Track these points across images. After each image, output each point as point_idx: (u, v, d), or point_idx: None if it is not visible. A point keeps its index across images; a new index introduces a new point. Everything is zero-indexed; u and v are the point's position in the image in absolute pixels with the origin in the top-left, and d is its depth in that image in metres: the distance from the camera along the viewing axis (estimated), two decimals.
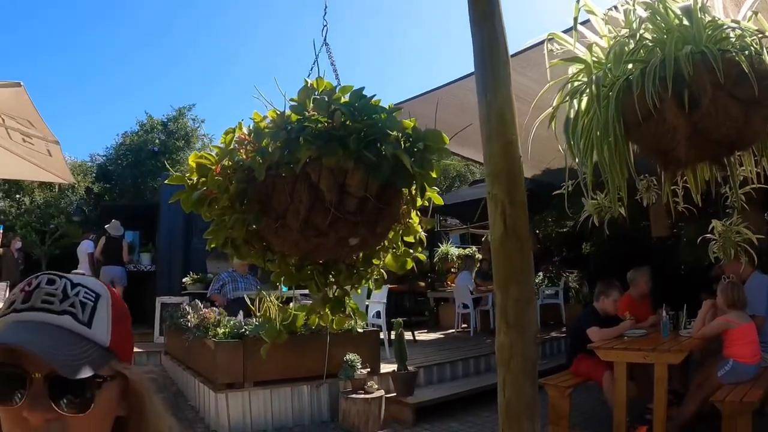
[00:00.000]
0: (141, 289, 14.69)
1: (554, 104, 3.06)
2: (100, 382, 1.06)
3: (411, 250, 2.73)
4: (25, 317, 1.04)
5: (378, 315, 10.03)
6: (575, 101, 2.95)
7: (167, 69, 60.51)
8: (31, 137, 9.58)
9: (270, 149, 2.21)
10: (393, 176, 2.15)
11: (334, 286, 2.74)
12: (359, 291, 2.85)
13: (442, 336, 13.10)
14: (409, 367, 7.82)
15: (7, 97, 8.16)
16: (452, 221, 18.64)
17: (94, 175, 22.95)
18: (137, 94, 61.99)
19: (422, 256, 2.80)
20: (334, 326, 2.94)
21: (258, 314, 7.70)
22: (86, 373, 1.00)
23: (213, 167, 2.34)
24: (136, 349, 11.18)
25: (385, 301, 10.03)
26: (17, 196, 18.76)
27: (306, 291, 6.75)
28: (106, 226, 13.55)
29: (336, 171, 2.13)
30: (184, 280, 12.38)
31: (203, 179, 2.38)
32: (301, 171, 2.12)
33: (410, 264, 2.75)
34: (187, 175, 2.45)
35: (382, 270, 2.80)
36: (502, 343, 2.67)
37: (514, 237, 2.62)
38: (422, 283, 15.98)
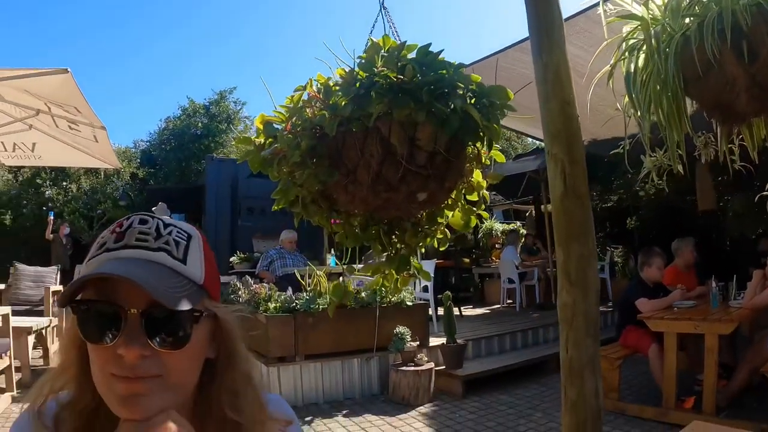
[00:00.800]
0: None
1: (612, 62, 3.05)
2: (198, 316, 1.08)
3: (474, 208, 2.75)
4: (120, 255, 1.06)
5: (426, 289, 10.06)
6: (632, 58, 2.95)
7: (207, 53, 61.02)
8: (77, 124, 9.74)
9: (340, 105, 2.22)
10: (461, 130, 2.17)
11: (399, 245, 2.77)
12: (423, 249, 2.88)
13: (487, 311, 13.08)
14: (457, 340, 7.83)
15: (54, 85, 8.29)
16: (495, 197, 18.57)
17: (138, 160, 23.22)
18: (178, 80, 62.61)
19: (485, 214, 2.82)
20: (399, 285, 2.95)
21: (308, 289, 7.75)
22: (185, 305, 1.03)
23: (283, 125, 2.37)
24: None
25: (433, 274, 9.99)
26: (64, 183, 19.03)
27: (354, 266, 6.80)
28: (153, 209, 13.70)
29: (406, 125, 2.15)
30: (231, 259, 12.45)
31: (270, 139, 2.41)
32: (371, 126, 2.14)
33: (474, 222, 2.77)
34: (254, 137, 2.49)
35: (445, 229, 2.82)
36: (564, 301, 2.69)
37: (574, 195, 2.63)
38: (467, 260, 15.97)
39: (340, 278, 7.33)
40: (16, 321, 7.24)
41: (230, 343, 1.20)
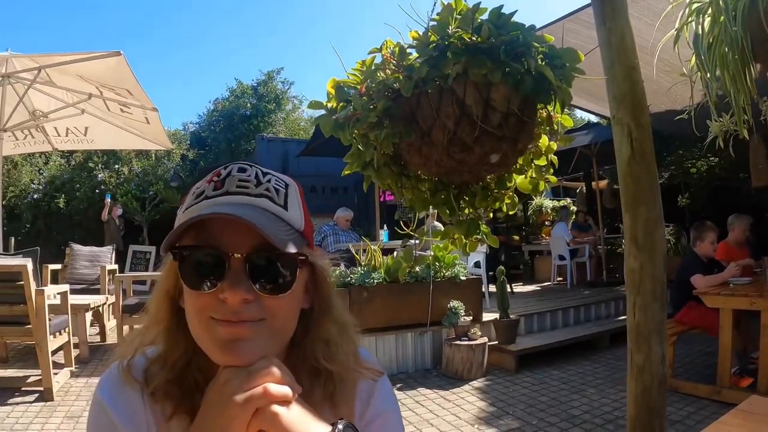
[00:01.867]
0: None
1: (677, 25, 3.00)
2: (303, 260, 1.08)
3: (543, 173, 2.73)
4: (221, 201, 1.06)
5: (477, 265, 10.03)
6: (699, 21, 2.90)
7: (254, 34, 61.40)
8: (129, 106, 9.91)
9: (416, 66, 2.22)
10: (535, 91, 2.16)
11: (467, 210, 2.77)
12: (491, 215, 2.87)
13: (538, 288, 13.02)
14: (510, 316, 7.81)
15: (106, 68, 8.42)
16: None
17: (188, 142, 23.42)
18: (225, 63, 63.15)
19: (553, 179, 2.80)
20: (468, 250, 2.95)
21: (363, 264, 7.77)
22: (293, 248, 1.03)
23: (358, 87, 2.38)
24: None
25: (485, 250, 10.01)
26: (116, 166, 19.29)
27: (406, 241, 6.72)
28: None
29: (480, 86, 2.15)
30: None
31: (342, 103, 2.43)
32: (446, 87, 2.14)
33: (543, 186, 2.76)
34: (325, 102, 2.50)
35: (513, 194, 2.81)
36: (631, 266, 2.68)
37: (641, 159, 2.63)
38: (517, 237, 15.89)
39: (410, 241, 7.36)
40: (73, 299, 7.39)
41: (326, 292, 1.22)
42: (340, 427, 1.02)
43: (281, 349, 1.13)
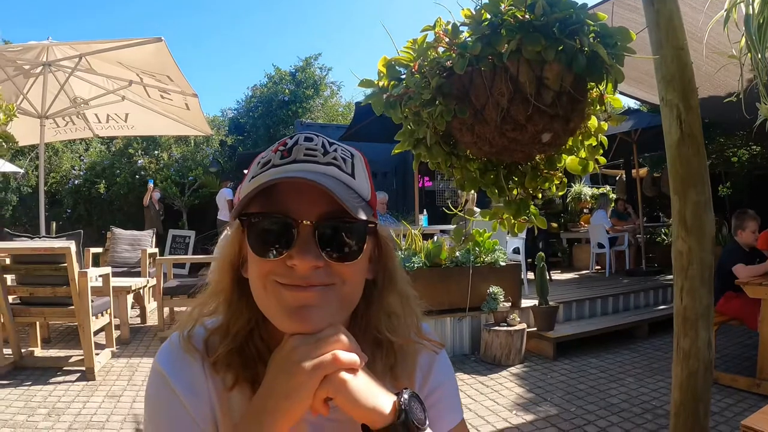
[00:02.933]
0: None
1: (726, 5, 2.94)
2: (374, 227, 1.09)
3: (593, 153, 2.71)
4: (289, 169, 1.06)
5: (516, 251, 9.98)
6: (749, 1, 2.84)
7: (291, 21, 61.65)
8: (169, 93, 9.99)
9: (469, 44, 2.21)
10: (587, 69, 2.14)
11: (516, 190, 2.75)
12: (540, 197, 2.85)
13: (576, 276, 12.88)
14: (550, 302, 7.75)
15: (146, 54, 8.50)
16: None
17: (226, 128, 23.55)
18: (263, 49, 63.53)
19: (603, 159, 2.77)
20: (516, 231, 2.94)
21: (403, 248, 7.75)
22: (363, 215, 1.03)
23: (411, 64, 2.37)
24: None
25: (524, 236, 9.94)
26: (156, 152, 19.48)
27: (446, 227, 6.73)
28: (245, 171, 13.94)
29: (533, 63, 2.14)
30: None
31: (393, 81, 2.42)
32: (500, 64, 2.12)
33: (592, 167, 2.73)
34: (376, 80, 2.49)
35: (562, 175, 2.78)
36: (679, 249, 2.65)
37: (690, 141, 2.59)
38: (555, 224, 15.76)
39: (460, 222, 7.32)
40: (115, 281, 7.51)
41: (390, 263, 1.22)
42: (406, 396, 1.02)
43: (346, 318, 1.13)
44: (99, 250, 10.53)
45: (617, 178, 18.51)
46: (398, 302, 1.22)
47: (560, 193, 2.91)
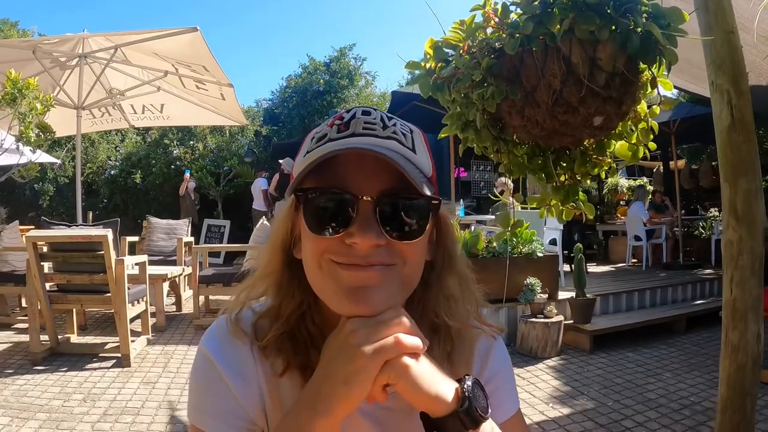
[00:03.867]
0: None
1: None
2: (437, 204, 1.03)
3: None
4: (348, 142, 0.99)
5: (553, 242, 9.88)
6: None
7: (324, 12, 61.86)
8: (204, 83, 10.04)
9: (520, 23, 2.16)
10: (641, 50, 2.08)
11: (563, 177, 2.69)
12: (588, 182, 2.80)
13: (612, 269, 12.73)
14: (587, 294, 7.66)
15: (182, 45, 8.53)
16: None
17: (261, 118, 23.67)
18: (296, 40, 63.77)
19: (653, 145, 2.70)
20: (564, 218, 2.88)
21: None
22: (428, 191, 0.98)
23: (461, 44, 2.32)
24: None
25: (561, 228, 9.87)
26: (191, 142, 19.68)
27: (482, 217, 6.67)
28: (280, 161, 14.00)
29: (587, 44, 2.08)
30: None
31: (441, 63, 2.37)
32: (551, 44, 2.06)
33: (642, 152, 2.67)
34: (422, 62, 2.45)
35: (612, 161, 2.72)
36: (729, 238, 2.59)
37: (741, 127, 2.53)
38: (591, 216, 15.60)
39: (507, 207, 7.26)
40: (151, 269, 7.57)
41: (450, 243, 1.15)
42: (469, 383, 0.97)
43: (404, 301, 1.06)
44: (135, 238, 10.65)
45: (654, 170, 18.29)
46: (457, 285, 1.15)
47: (610, 179, 2.85)
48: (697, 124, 11.90)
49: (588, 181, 2.77)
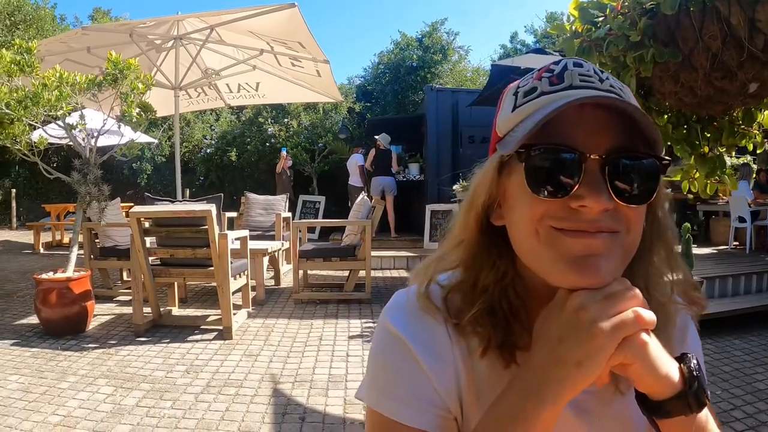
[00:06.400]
0: (410, 198, 15.25)
1: None
2: (667, 165, 0.92)
3: None
4: (567, 94, 0.89)
5: None
6: None
7: None
8: (300, 60, 10.06)
9: None
10: None
11: (706, 148, 2.55)
12: (733, 154, 2.66)
13: (714, 251, 12.24)
14: (693, 277, 7.38)
15: (278, 22, 8.54)
16: None
17: (354, 95, 23.79)
18: (386, 16, 63.73)
19: None
20: (708, 191, 2.74)
21: None
22: (660, 150, 0.90)
23: (614, 3, 2.22)
24: (406, 254, 11.60)
25: None
26: (285, 120, 19.95)
27: None
28: (376, 137, 14.03)
29: (745, 4, 1.94)
30: (454, 187, 12.47)
31: (587, 25, 2.27)
32: (710, 3, 1.94)
33: None
34: (567, 24, 2.36)
35: (759, 132, 2.56)
36: None
37: None
38: (691, 195, 15.08)
39: None
40: (251, 244, 7.70)
41: (661, 210, 1.02)
42: (694, 362, 0.88)
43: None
44: (233, 214, 10.85)
45: (760, 149, 17.55)
46: (664, 257, 1.03)
47: (759, 151, 2.68)
48: None
49: (733, 153, 2.62)
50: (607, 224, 0.86)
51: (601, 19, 2.23)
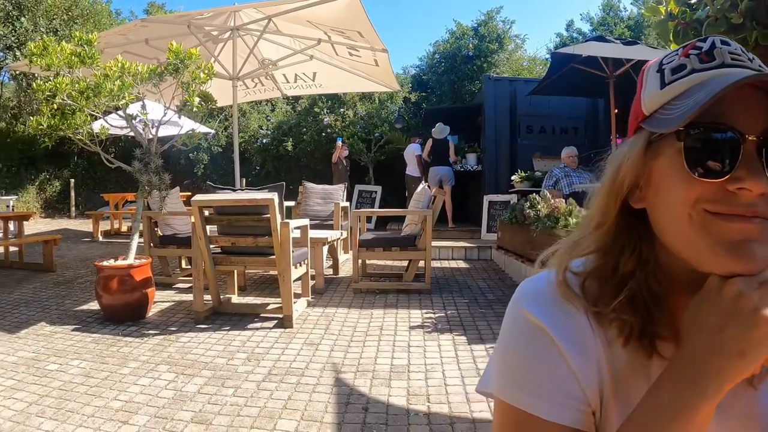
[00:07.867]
0: (467, 188, 15.09)
1: None
2: None
3: None
4: (723, 72, 0.86)
5: None
6: None
7: None
8: (357, 49, 9.99)
9: None
10: None
11: None
12: None
13: None
14: None
15: (337, 10, 8.46)
16: None
17: (409, 85, 23.69)
18: (440, 4, 63.39)
19: None
20: None
21: None
22: None
23: None
24: (464, 244, 11.49)
25: None
26: (341, 110, 19.98)
27: None
28: (432, 129, 13.95)
29: None
30: (512, 178, 12.45)
31: (681, 7, 2.17)
32: None
33: None
34: (661, 6, 2.26)
35: None
36: None
37: None
38: None
39: None
40: (311, 233, 7.70)
41: None
42: None
43: None
44: (291, 203, 10.87)
45: None
46: None
47: None
48: None
49: None
50: (762, 209, 0.81)
51: (694, 1, 2.11)
